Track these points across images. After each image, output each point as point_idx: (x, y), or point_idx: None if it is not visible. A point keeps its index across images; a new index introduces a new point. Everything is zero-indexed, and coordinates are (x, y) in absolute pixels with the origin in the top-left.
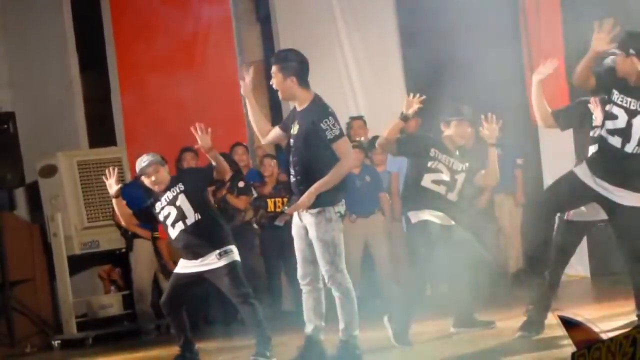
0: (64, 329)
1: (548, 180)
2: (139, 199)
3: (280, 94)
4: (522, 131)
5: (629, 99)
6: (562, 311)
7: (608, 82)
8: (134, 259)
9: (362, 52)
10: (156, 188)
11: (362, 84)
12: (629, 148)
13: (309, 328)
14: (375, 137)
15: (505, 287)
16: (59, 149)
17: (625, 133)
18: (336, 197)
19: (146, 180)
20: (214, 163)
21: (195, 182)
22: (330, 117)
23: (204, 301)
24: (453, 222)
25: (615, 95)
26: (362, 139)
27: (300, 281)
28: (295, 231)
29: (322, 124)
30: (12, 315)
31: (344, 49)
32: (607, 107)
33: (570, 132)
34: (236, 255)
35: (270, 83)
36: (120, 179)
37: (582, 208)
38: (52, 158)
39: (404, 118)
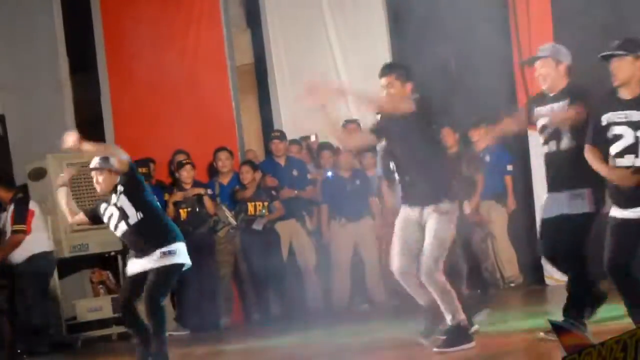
0: (53, 332)
1: (537, 187)
2: None
3: (393, 104)
4: (511, 137)
5: (629, 112)
6: (551, 317)
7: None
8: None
9: (354, 58)
10: (99, 190)
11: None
12: None
13: (422, 302)
14: None
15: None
16: (49, 151)
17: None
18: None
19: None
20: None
21: (129, 181)
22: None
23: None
24: None
25: (612, 115)
26: None
27: (396, 272)
28: (404, 224)
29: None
30: (1, 318)
31: (335, 54)
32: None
33: None
34: (178, 257)
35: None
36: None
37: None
38: (42, 161)
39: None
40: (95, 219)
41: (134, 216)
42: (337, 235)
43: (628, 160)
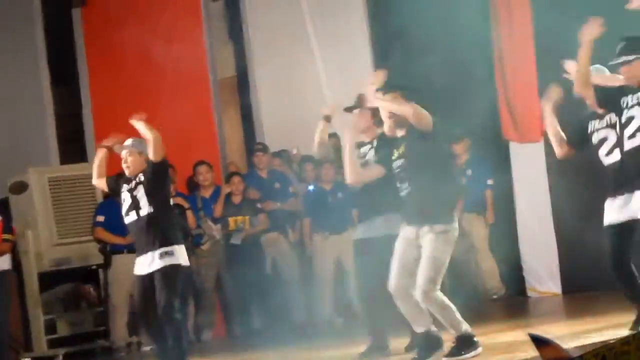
0: (34, 346)
1: (519, 200)
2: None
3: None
4: (493, 150)
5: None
6: (533, 328)
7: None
8: (112, 275)
9: (336, 71)
10: (126, 171)
11: (336, 101)
12: None
13: (419, 328)
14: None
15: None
16: (30, 165)
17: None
18: (454, 216)
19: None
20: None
21: (154, 175)
22: None
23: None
24: None
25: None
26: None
27: (393, 292)
28: (403, 243)
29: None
30: None
31: (318, 67)
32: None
33: (541, 151)
34: (177, 258)
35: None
36: (91, 195)
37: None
38: (23, 174)
39: (327, 119)
40: (112, 190)
41: (145, 208)
42: (320, 248)
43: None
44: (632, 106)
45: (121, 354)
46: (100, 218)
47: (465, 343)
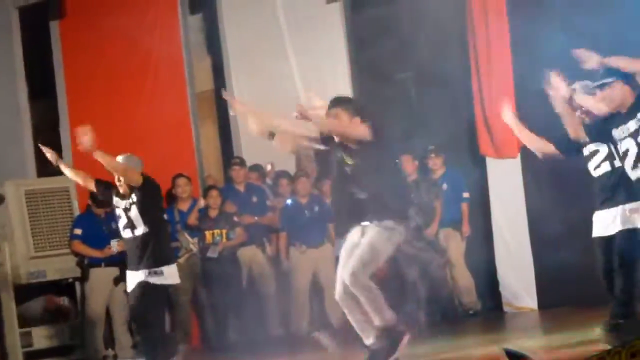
0: (9, 359)
1: (495, 213)
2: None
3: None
4: (469, 164)
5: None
6: (509, 343)
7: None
8: (89, 289)
9: (315, 85)
10: (121, 189)
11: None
12: None
13: (368, 340)
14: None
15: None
16: (7, 177)
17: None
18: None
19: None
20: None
21: (143, 196)
22: None
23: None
24: None
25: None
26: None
27: (339, 300)
28: (348, 248)
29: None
30: None
31: (296, 82)
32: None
33: (518, 166)
34: (165, 278)
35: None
36: (68, 208)
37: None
38: (0, 187)
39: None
40: (101, 195)
41: (140, 227)
42: (297, 262)
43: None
44: (624, 138)
45: None
46: (78, 231)
47: (391, 337)
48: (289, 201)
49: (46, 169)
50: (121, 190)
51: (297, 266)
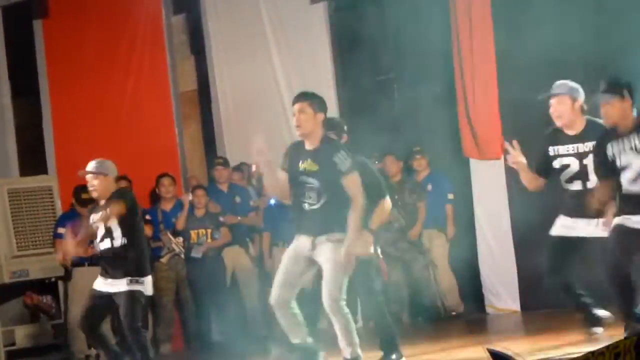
0: None
1: (479, 215)
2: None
3: (302, 129)
4: (453, 165)
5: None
6: (491, 345)
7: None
8: (72, 288)
9: (298, 85)
10: (93, 195)
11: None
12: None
13: (296, 340)
14: None
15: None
16: None
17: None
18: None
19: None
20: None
21: (126, 207)
22: (342, 152)
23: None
24: None
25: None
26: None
27: (274, 304)
28: (293, 254)
29: (335, 159)
30: None
31: (279, 82)
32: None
33: (501, 168)
34: (145, 288)
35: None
36: (51, 207)
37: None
38: None
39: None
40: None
41: (118, 239)
42: (280, 262)
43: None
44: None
45: None
46: (62, 230)
47: None
48: (272, 201)
49: (29, 168)
50: (94, 196)
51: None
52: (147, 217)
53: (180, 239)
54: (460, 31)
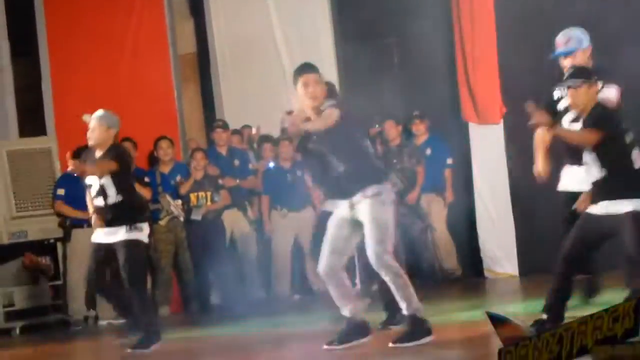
0: None
1: (477, 180)
2: (76, 187)
3: (318, 101)
4: (452, 130)
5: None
6: (489, 308)
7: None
8: (71, 250)
9: (298, 49)
10: (90, 141)
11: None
12: None
13: (345, 311)
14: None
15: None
16: None
17: None
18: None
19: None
20: None
21: (122, 163)
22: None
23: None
24: None
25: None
26: None
27: (323, 273)
28: (335, 221)
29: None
30: None
31: (279, 45)
32: None
33: (500, 132)
34: (143, 235)
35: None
36: (49, 169)
37: None
38: None
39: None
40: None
41: (113, 197)
42: (278, 226)
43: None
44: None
45: (78, 328)
46: (61, 191)
47: (416, 327)
48: (271, 164)
49: (28, 129)
50: (90, 142)
51: (279, 230)
52: (146, 179)
53: (179, 202)
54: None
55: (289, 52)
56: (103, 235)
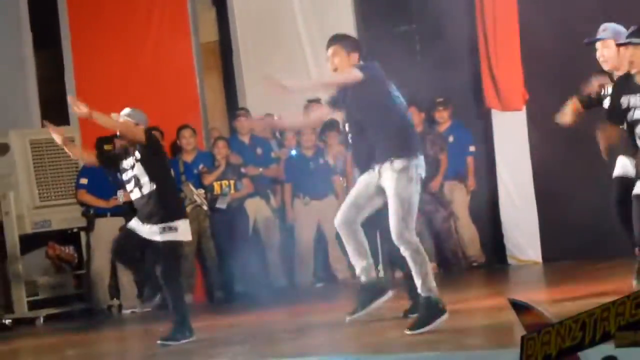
0: (15, 308)
1: (500, 167)
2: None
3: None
4: (474, 117)
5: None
6: (513, 295)
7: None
8: (95, 239)
9: (318, 32)
10: (121, 142)
11: (317, 64)
12: None
13: (358, 270)
14: (332, 120)
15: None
16: (12, 127)
17: None
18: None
19: None
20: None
21: (145, 151)
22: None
23: None
24: None
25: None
26: None
27: (338, 223)
28: (364, 180)
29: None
30: None
31: (301, 34)
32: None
33: (523, 119)
34: (180, 234)
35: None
36: (72, 158)
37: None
38: (5, 136)
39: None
40: (107, 163)
41: (147, 185)
42: (301, 214)
43: None
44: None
45: (101, 317)
46: (84, 180)
47: (430, 309)
48: (293, 152)
49: (51, 119)
50: (117, 145)
51: (301, 218)
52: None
53: (202, 191)
54: None
55: (310, 39)
56: (140, 226)
